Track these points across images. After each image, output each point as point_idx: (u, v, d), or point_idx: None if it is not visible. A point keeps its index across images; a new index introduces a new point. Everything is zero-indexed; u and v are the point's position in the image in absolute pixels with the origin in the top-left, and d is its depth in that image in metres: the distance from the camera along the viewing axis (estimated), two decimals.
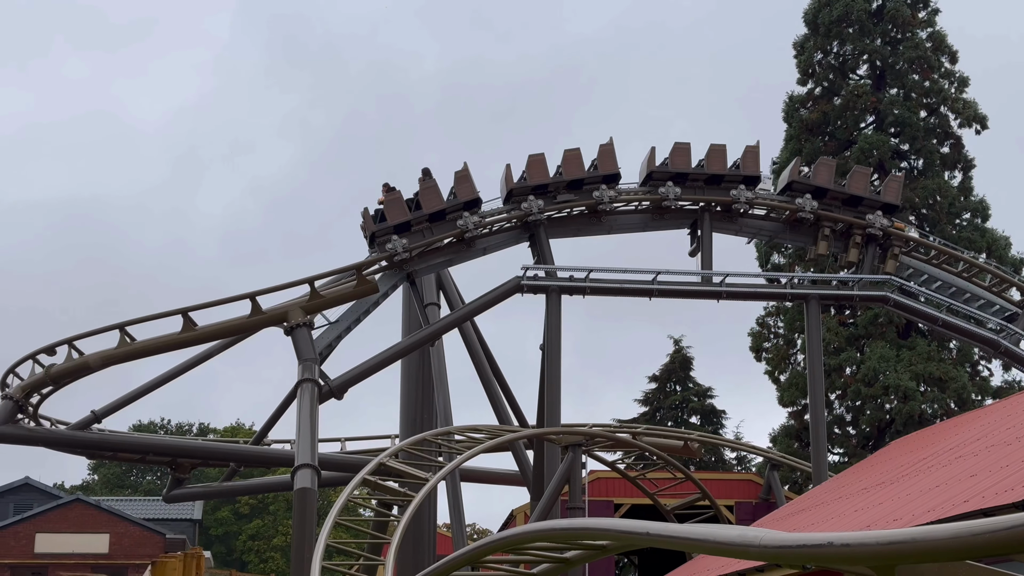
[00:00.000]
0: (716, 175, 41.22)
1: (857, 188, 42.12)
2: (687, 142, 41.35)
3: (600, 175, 40.25)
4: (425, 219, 38.29)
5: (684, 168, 40.96)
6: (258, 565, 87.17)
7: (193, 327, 37.06)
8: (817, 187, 41.73)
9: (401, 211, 37.97)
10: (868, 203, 42.08)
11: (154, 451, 44.95)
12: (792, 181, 41.82)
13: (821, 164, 42.39)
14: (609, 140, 41.01)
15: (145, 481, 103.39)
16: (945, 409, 52.45)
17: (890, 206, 42.40)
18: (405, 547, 37.08)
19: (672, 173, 40.89)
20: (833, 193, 41.79)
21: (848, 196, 42.05)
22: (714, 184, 41.45)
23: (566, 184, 39.95)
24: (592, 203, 40.47)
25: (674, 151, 41.12)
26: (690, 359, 72.95)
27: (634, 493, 44.73)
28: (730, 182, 41.30)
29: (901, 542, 5.34)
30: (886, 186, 42.64)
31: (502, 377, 44.69)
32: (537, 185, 39.72)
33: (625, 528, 9.20)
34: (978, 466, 21.52)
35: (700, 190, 41.30)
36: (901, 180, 43.50)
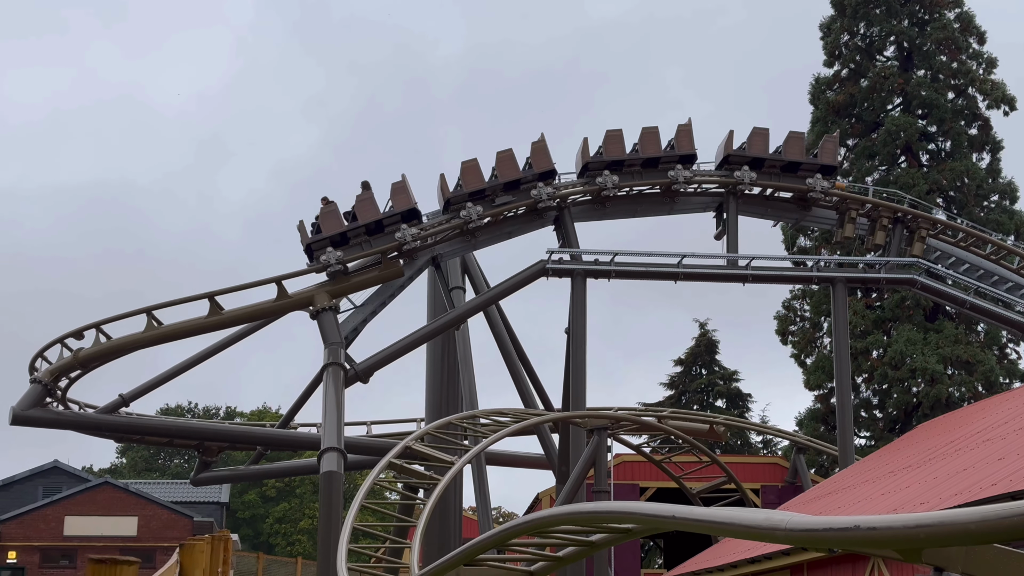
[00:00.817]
0: (652, 158, 40.90)
1: (793, 153, 41.56)
2: (618, 129, 40.77)
3: (536, 173, 39.75)
4: (362, 231, 37.95)
5: (619, 155, 40.55)
6: (285, 548, 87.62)
7: (220, 311, 37.24)
8: (754, 157, 41.26)
9: (337, 223, 37.72)
10: (806, 167, 41.58)
11: (182, 434, 45.18)
12: (728, 155, 41.39)
13: (755, 134, 41.75)
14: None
15: (173, 464, 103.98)
16: (972, 392, 52.22)
17: (828, 167, 41.82)
18: (431, 530, 37.22)
19: (607, 162, 40.56)
20: (770, 161, 41.34)
21: (786, 163, 41.54)
22: (651, 167, 41.11)
23: (502, 186, 39.39)
24: (596, 189, 40.62)
25: (607, 139, 40.56)
26: (716, 342, 72.85)
27: (660, 476, 44.73)
28: (667, 163, 40.86)
29: (928, 525, 5.32)
30: (822, 148, 42.17)
31: (527, 361, 44.71)
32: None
33: (651, 512, 9.20)
34: (1006, 449, 21.42)
35: (637, 175, 40.95)
36: (836, 139, 42.83)
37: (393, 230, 37.99)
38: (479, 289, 43.74)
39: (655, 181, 40.72)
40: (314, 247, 37.48)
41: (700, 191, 42.02)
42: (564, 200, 41.22)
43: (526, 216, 40.88)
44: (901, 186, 53.41)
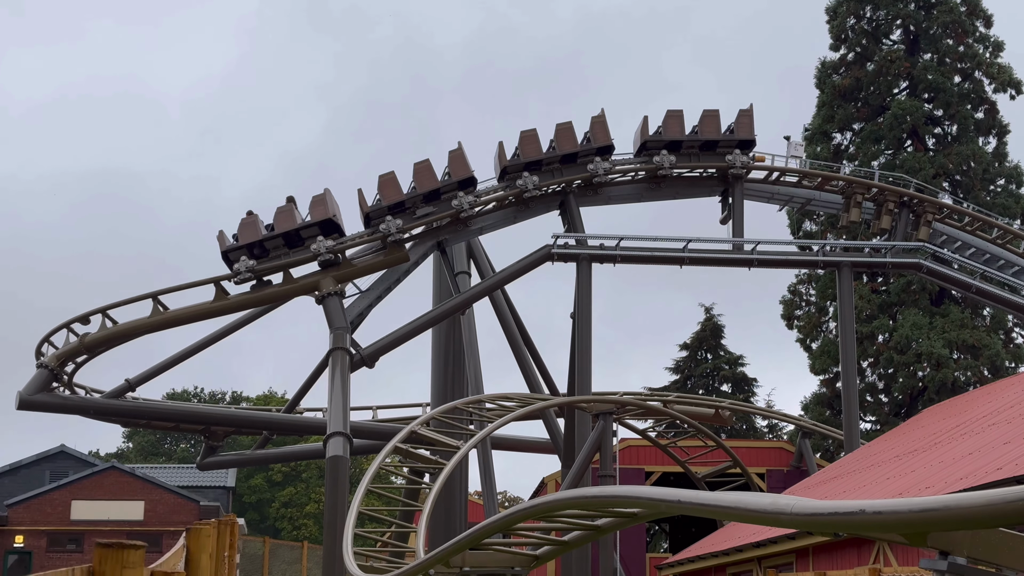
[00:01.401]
0: (569, 154, 40.35)
1: (709, 132, 41.26)
2: (532, 129, 40.11)
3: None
4: (280, 240, 37.71)
5: (536, 156, 39.79)
6: (291, 532, 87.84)
7: (225, 296, 37.29)
8: (671, 141, 40.91)
9: (254, 232, 37.60)
10: (724, 144, 41.34)
11: (188, 419, 45.29)
12: (645, 141, 41.03)
13: (669, 117, 41.34)
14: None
15: (179, 449, 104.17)
16: (978, 376, 52.19)
17: (746, 142, 41.48)
18: (437, 514, 37.30)
19: (524, 163, 39.65)
20: (687, 142, 41.06)
21: (703, 142, 41.27)
22: (570, 162, 40.51)
23: (423, 197, 38.87)
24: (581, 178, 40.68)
25: (522, 140, 39.85)
26: (721, 327, 72.80)
27: (665, 461, 44.76)
28: (585, 157, 40.29)
29: (933, 509, 5.32)
30: (738, 123, 41.73)
31: (532, 345, 44.75)
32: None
33: (656, 496, 9.21)
34: (1012, 433, 21.43)
35: (558, 172, 40.35)
36: (751, 113, 42.11)
37: (310, 241, 37.52)
38: (484, 274, 43.75)
39: (575, 176, 40.23)
40: (230, 254, 37.33)
41: (626, 180, 41.79)
42: (569, 185, 41.19)
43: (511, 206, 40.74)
44: (907, 170, 53.32)
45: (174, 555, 7.33)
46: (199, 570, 6.74)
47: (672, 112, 40.76)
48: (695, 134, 41.11)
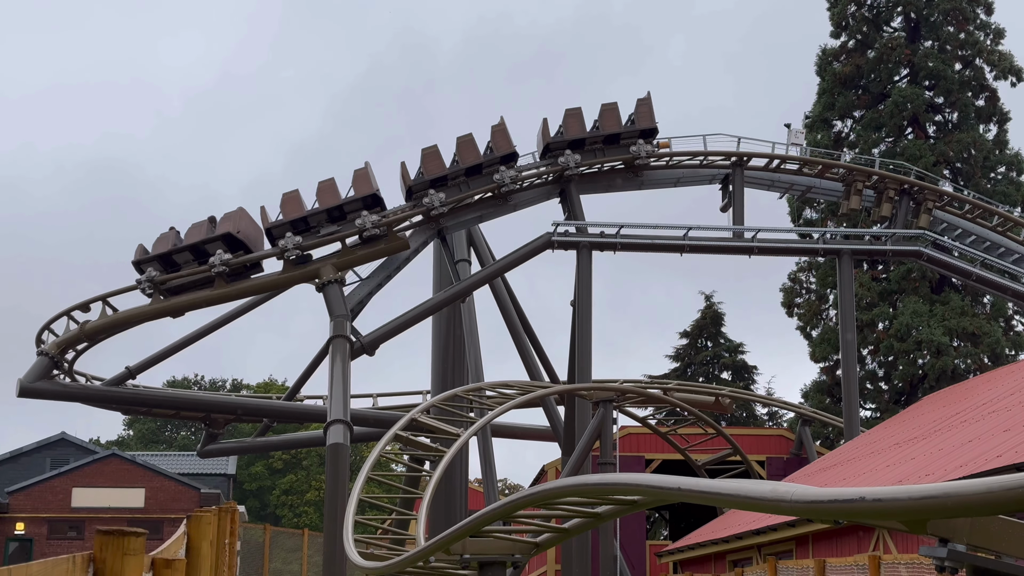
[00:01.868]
0: (474, 166, 39.32)
1: (610, 126, 40.61)
2: (434, 145, 39.09)
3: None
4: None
5: (440, 172, 38.81)
6: (292, 519, 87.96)
7: (226, 285, 37.27)
8: (573, 140, 40.22)
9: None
10: (627, 136, 40.73)
11: (188, 407, 45.32)
12: (548, 143, 40.23)
13: (568, 116, 40.59)
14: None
15: (180, 436, 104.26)
16: (978, 364, 52.20)
17: (648, 130, 40.82)
18: (437, 502, 37.35)
19: (429, 181, 38.78)
20: (590, 139, 40.44)
21: (605, 136, 40.67)
22: (475, 174, 39.42)
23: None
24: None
25: (425, 158, 38.93)
26: (721, 315, 72.80)
27: (665, 448, 44.80)
28: (489, 167, 39.35)
29: (933, 497, 5.33)
30: (637, 113, 41.10)
31: (533, 333, 44.76)
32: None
33: (656, 483, 9.22)
34: (1011, 421, 21.45)
35: (464, 185, 39.20)
36: (649, 101, 41.42)
37: (211, 254, 37.06)
38: (485, 262, 43.74)
39: (484, 188, 39.49)
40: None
41: (530, 185, 41.31)
42: (571, 173, 41.19)
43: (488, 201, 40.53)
44: (908, 158, 53.26)
45: (175, 542, 7.34)
46: (200, 557, 6.75)
47: (571, 111, 40.03)
48: (596, 130, 40.40)
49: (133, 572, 3.74)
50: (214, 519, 7.25)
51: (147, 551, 4.40)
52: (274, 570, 35.71)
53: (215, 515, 8.00)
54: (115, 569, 3.70)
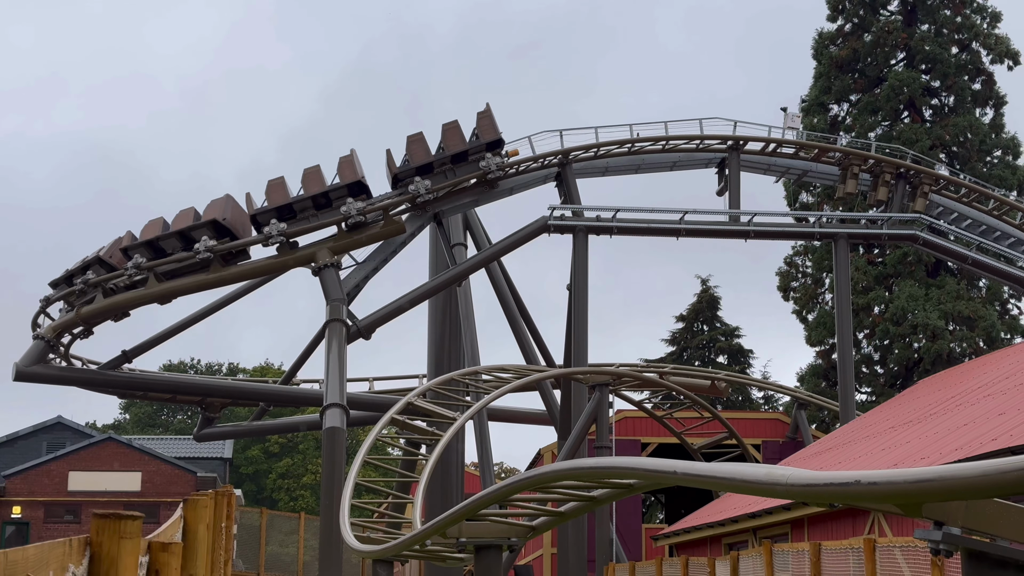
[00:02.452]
0: (458, 153, 38.58)
1: (454, 145, 38.97)
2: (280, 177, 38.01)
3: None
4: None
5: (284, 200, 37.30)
6: (288, 503, 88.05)
7: (222, 269, 37.25)
8: (420, 166, 38.42)
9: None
10: (474, 151, 38.92)
11: (184, 390, 45.35)
12: (396, 174, 38.59)
13: (411, 143, 39.12)
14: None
15: (176, 420, 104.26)
16: (974, 348, 52.27)
17: (493, 143, 39.10)
18: (433, 486, 37.40)
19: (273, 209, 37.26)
20: (438, 162, 38.63)
21: (451, 156, 38.82)
22: (325, 207, 37.92)
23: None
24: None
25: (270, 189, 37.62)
26: (717, 298, 72.85)
27: (661, 432, 44.87)
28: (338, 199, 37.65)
29: (928, 480, 5.34)
30: (479, 126, 39.46)
31: (529, 317, 44.78)
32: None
33: (652, 467, 9.23)
34: (1007, 404, 21.49)
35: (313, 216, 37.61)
36: (489, 112, 39.89)
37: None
38: (481, 245, 43.73)
39: (331, 220, 37.75)
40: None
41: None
42: (567, 156, 41.19)
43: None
44: (904, 141, 53.24)
45: (171, 526, 7.35)
46: (196, 541, 6.76)
47: (412, 137, 38.72)
48: (442, 151, 38.88)
49: (129, 555, 3.74)
50: (210, 503, 7.26)
51: (143, 535, 4.41)
52: (271, 553, 35.75)
53: (211, 499, 8.02)
54: (111, 552, 3.70)
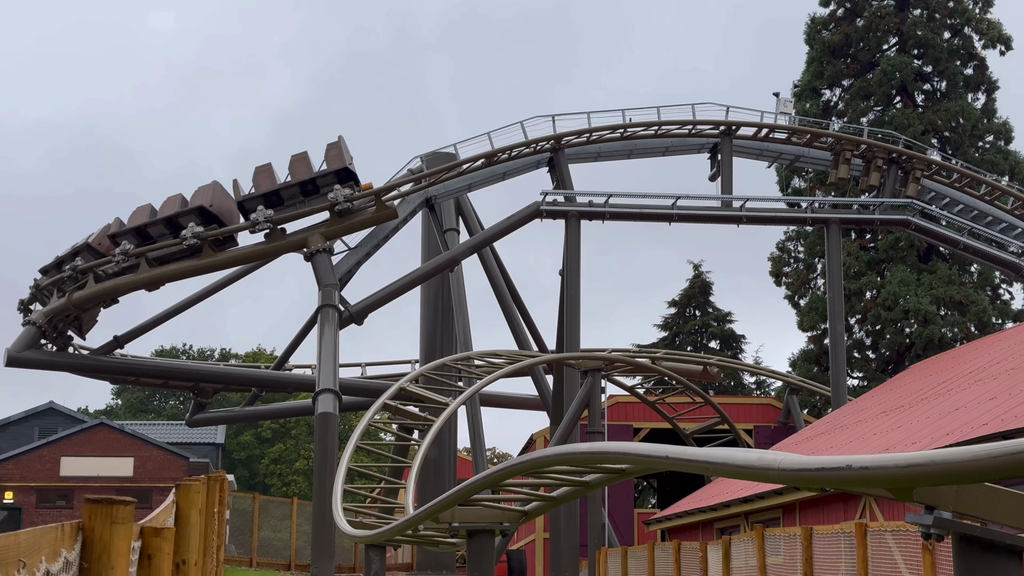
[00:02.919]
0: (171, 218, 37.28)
1: (301, 173, 37.56)
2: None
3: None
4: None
5: (142, 222, 37.22)
6: (280, 488, 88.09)
7: (214, 254, 37.17)
8: (267, 194, 37.06)
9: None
10: (323, 180, 37.43)
11: (177, 376, 45.33)
12: (240, 202, 37.13)
13: (258, 173, 37.81)
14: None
15: (168, 406, 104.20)
16: (965, 332, 52.37)
17: (342, 172, 37.54)
18: (426, 471, 37.44)
19: (129, 231, 37.23)
20: (284, 193, 37.22)
21: (299, 184, 37.45)
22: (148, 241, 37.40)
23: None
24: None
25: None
26: (709, 284, 72.90)
27: (653, 417, 44.94)
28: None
29: (919, 465, 5.35)
30: (327, 157, 38.02)
31: (521, 302, 44.80)
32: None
33: (645, 452, 9.25)
34: (998, 389, 21.55)
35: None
36: (339, 144, 38.48)
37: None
38: (473, 231, 43.72)
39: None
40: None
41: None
42: (559, 141, 41.18)
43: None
44: (896, 127, 53.25)
45: (164, 511, 7.35)
46: (189, 526, 6.76)
47: (260, 168, 37.75)
48: (288, 182, 37.43)
49: (122, 541, 3.74)
50: (203, 488, 7.26)
51: (136, 520, 4.41)
52: (263, 538, 35.80)
53: (204, 484, 8.02)
54: (104, 538, 3.70)
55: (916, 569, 15.12)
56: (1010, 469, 4.93)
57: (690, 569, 23.62)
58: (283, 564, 35.47)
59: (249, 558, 34.53)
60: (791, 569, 18.88)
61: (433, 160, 41.80)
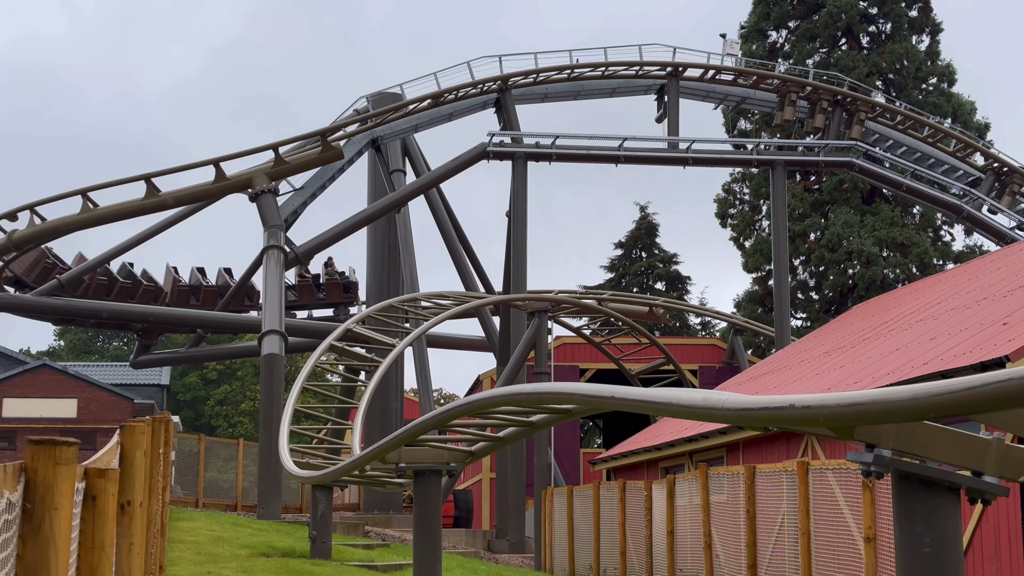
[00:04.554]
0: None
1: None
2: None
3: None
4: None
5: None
6: (226, 430, 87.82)
7: (156, 193, 36.73)
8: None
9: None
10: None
11: (121, 317, 44.89)
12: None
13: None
14: None
15: (112, 347, 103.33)
16: (907, 274, 52.98)
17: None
18: (372, 412, 37.46)
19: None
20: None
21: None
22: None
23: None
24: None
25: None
26: (655, 226, 73.13)
27: (599, 358, 45.20)
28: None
29: (860, 404, 5.42)
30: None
31: (468, 244, 44.74)
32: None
33: (590, 392, 9.29)
34: (938, 329, 21.85)
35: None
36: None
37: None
38: (420, 172, 43.50)
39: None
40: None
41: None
42: (506, 82, 40.99)
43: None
44: (841, 69, 53.43)
45: (108, 452, 7.31)
46: (134, 467, 6.72)
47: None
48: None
49: (65, 482, 3.72)
50: (148, 429, 7.23)
51: (80, 461, 4.38)
52: (209, 479, 35.71)
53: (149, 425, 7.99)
54: (47, 479, 3.67)
55: (856, 506, 15.37)
56: (948, 408, 5.00)
57: (635, 508, 23.87)
58: (229, 505, 35.43)
59: (195, 499, 34.46)
60: (734, 507, 19.14)
61: (379, 100, 41.47)
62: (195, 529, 23.15)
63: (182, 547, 20.26)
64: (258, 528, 25.64)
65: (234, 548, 20.85)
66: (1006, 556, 15.21)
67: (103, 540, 4.95)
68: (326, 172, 38.92)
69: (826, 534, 16.31)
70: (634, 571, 23.86)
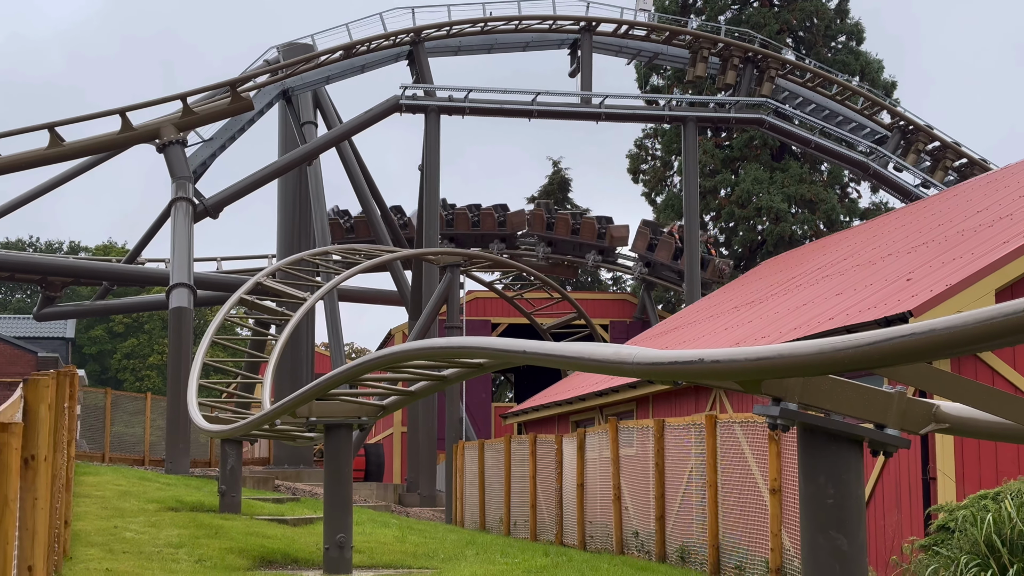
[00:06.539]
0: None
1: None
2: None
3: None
4: None
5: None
6: (133, 384, 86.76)
7: (61, 143, 35.97)
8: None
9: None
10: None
11: (23, 269, 44.05)
12: None
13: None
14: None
15: (14, 300, 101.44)
16: (815, 230, 53.71)
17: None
18: (283, 366, 37.24)
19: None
20: None
21: None
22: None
23: None
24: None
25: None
26: (568, 180, 73.29)
27: (511, 313, 45.33)
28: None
29: (767, 358, 5.49)
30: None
31: (380, 197, 44.49)
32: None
33: (502, 347, 9.32)
34: (843, 285, 22.22)
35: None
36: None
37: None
38: (331, 124, 43.10)
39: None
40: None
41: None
42: (419, 35, 40.70)
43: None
44: (752, 25, 53.76)
45: (11, 406, 7.19)
46: (38, 421, 6.62)
47: None
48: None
49: None
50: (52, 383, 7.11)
51: None
52: (116, 434, 35.30)
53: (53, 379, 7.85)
54: None
55: (762, 459, 15.63)
56: (853, 362, 5.09)
57: (545, 461, 24.06)
58: (137, 459, 35.07)
59: (102, 454, 34.05)
60: (643, 460, 19.36)
61: (290, 51, 40.97)
62: (101, 484, 22.91)
63: (88, 502, 20.03)
64: (166, 483, 25.44)
65: (142, 502, 20.67)
66: (906, 507, 15.59)
67: (6, 495, 4.87)
68: (236, 123, 38.41)
69: (733, 486, 16.58)
70: (544, 524, 24.08)
